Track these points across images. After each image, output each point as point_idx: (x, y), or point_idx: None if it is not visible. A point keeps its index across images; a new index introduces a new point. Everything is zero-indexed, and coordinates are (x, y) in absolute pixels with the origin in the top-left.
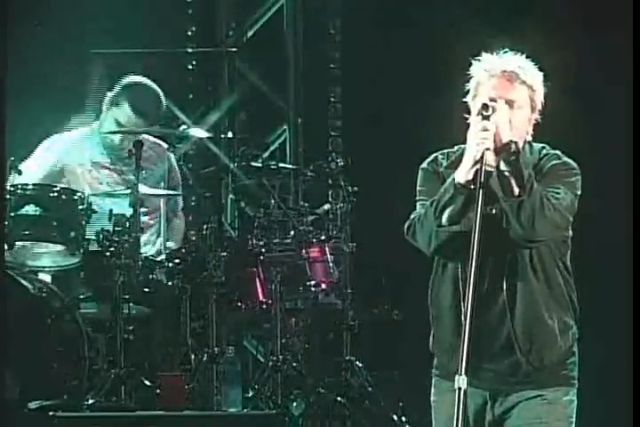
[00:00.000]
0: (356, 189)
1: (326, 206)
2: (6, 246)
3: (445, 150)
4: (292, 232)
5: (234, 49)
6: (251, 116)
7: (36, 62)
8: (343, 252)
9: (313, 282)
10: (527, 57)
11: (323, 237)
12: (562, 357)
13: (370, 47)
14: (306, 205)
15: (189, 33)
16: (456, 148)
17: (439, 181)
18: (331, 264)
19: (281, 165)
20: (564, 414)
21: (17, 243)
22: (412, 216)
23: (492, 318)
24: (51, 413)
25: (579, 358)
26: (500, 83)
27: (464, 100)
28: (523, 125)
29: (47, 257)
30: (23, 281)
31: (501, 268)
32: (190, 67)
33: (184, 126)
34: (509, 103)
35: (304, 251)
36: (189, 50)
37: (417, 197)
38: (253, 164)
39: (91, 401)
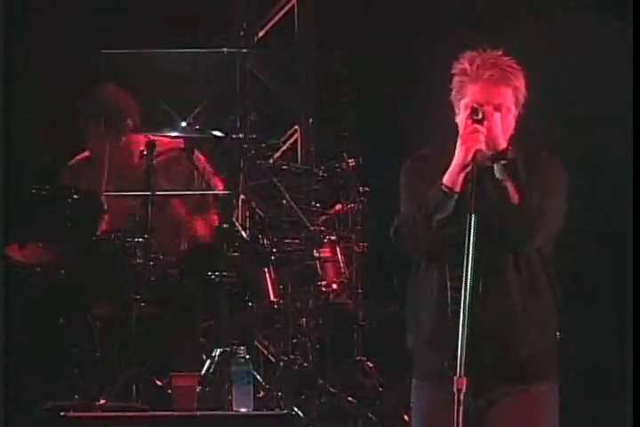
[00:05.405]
0: (367, 189)
1: (337, 206)
2: (18, 246)
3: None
4: (304, 232)
5: (245, 50)
6: (262, 117)
7: (39, 62)
8: (354, 252)
9: (324, 282)
10: (506, 53)
11: (334, 237)
12: (542, 351)
13: (382, 47)
14: (317, 205)
15: (200, 33)
16: None
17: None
18: (342, 264)
19: (292, 165)
20: (548, 407)
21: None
22: (395, 221)
23: (472, 315)
24: (62, 413)
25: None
26: (485, 88)
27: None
28: (511, 125)
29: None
30: (35, 281)
31: (481, 264)
32: (201, 67)
33: (196, 127)
34: (497, 108)
35: (315, 251)
36: (200, 50)
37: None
38: (264, 164)
39: (102, 401)
